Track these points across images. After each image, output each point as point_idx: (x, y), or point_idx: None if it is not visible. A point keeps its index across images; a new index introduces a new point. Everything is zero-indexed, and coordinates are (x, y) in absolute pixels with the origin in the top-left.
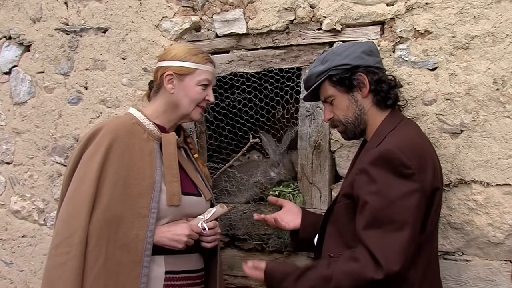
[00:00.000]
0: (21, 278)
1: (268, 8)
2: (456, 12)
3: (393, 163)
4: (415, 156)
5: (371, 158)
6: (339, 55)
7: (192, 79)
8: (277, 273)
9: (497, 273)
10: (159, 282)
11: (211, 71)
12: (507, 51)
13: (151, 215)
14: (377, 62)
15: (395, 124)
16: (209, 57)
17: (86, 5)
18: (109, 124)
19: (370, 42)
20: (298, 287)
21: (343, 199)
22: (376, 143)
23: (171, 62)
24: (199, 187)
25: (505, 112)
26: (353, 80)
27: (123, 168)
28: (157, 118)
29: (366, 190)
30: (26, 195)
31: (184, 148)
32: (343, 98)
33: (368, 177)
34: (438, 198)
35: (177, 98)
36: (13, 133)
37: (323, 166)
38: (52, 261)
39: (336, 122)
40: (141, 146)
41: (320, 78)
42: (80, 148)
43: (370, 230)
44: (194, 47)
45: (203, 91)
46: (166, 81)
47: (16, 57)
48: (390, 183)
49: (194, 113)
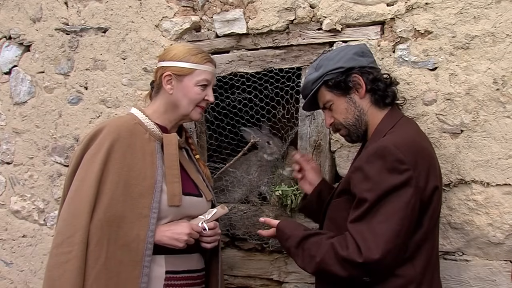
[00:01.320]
0: (21, 278)
1: (268, 8)
2: (456, 12)
3: (388, 159)
4: (411, 152)
5: (367, 155)
6: (332, 60)
7: (191, 79)
8: (286, 229)
9: (497, 273)
10: (160, 282)
11: (211, 71)
12: (507, 51)
13: (152, 215)
14: (371, 62)
15: (394, 121)
16: (209, 57)
17: (86, 5)
18: (111, 124)
19: (362, 44)
20: (297, 248)
21: (341, 196)
22: (375, 141)
23: (170, 62)
24: (200, 188)
25: (505, 112)
26: (349, 82)
27: (124, 168)
28: (158, 118)
29: (361, 188)
30: (26, 195)
31: (186, 149)
32: (341, 101)
33: (362, 174)
34: (437, 197)
35: (176, 98)
36: (13, 133)
37: (323, 166)
38: (54, 260)
39: (338, 125)
40: (143, 146)
41: (316, 85)
42: (82, 148)
43: (357, 222)
44: (193, 47)
45: (202, 91)
46: (165, 81)
47: (16, 57)
48: (383, 177)
49: (193, 113)
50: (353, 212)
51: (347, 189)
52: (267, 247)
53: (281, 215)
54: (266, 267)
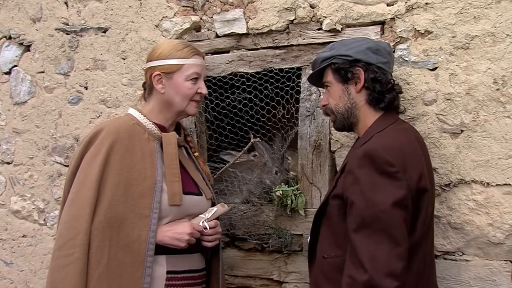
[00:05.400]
0: (21, 278)
1: (268, 8)
2: (456, 12)
3: (377, 162)
4: (399, 155)
5: (356, 159)
6: (345, 46)
7: (181, 75)
8: None
9: (497, 273)
10: (161, 282)
11: (199, 63)
12: (507, 51)
13: (153, 215)
14: (381, 62)
15: (385, 125)
16: (195, 49)
17: (86, 5)
18: (110, 126)
19: (384, 42)
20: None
21: (335, 200)
22: (362, 143)
23: (157, 61)
24: (200, 186)
25: (505, 112)
26: (350, 72)
27: (124, 169)
28: (155, 118)
29: (352, 191)
30: (26, 195)
31: (185, 147)
32: (337, 87)
33: (353, 178)
34: (427, 200)
35: (169, 96)
36: (13, 133)
37: (323, 166)
38: (56, 263)
39: (328, 110)
40: (142, 147)
41: (323, 64)
42: (81, 150)
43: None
44: (178, 42)
45: (193, 85)
46: (155, 81)
47: (16, 57)
48: (374, 181)
49: (189, 108)
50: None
51: (340, 194)
52: (267, 247)
53: (281, 215)
54: (266, 267)
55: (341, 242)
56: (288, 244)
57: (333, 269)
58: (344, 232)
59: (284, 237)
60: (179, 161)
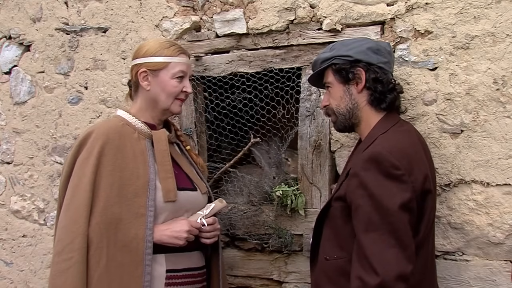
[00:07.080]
0: (21, 278)
1: (268, 8)
2: (456, 12)
3: (383, 165)
4: (404, 157)
5: (362, 161)
6: (345, 46)
7: (167, 73)
8: None
9: (497, 273)
10: (161, 280)
11: (185, 62)
12: (507, 51)
13: (149, 213)
14: (381, 62)
15: (388, 126)
16: (182, 48)
17: (86, 5)
18: (99, 128)
19: (385, 42)
20: None
21: (339, 202)
22: (366, 145)
23: (143, 59)
24: (194, 181)
25: (505, 112)
26: (351, 73)
27: (116, 170)
28: (143, 116)
29: (358, 194)
30: (26, 195)
31: (177, 143)
32: (339, 88)
33: (358, 181)
34: (430, 201)
35: (154, 94)
36: (13, 133)
37: (323, 166)
38: (56, 268)
39: (329, 111)
40: (133, 146)
41: (324, 65)
42: (73, 154)
43: (367, 236)
44: (165, 41)
45: (179, 83)
46: (141, 78)
47: (16, 57)
48: (381, 184)
49: (173, 106)
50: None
51: (343, 196)
52: (267, 247)
53: (281, 215)
54: (266, 267)
55: (343, 244)
56: (288, 244)
57: (335, 271)
58: (347, 234)
59: (284, 237)
60: (172, 157)
